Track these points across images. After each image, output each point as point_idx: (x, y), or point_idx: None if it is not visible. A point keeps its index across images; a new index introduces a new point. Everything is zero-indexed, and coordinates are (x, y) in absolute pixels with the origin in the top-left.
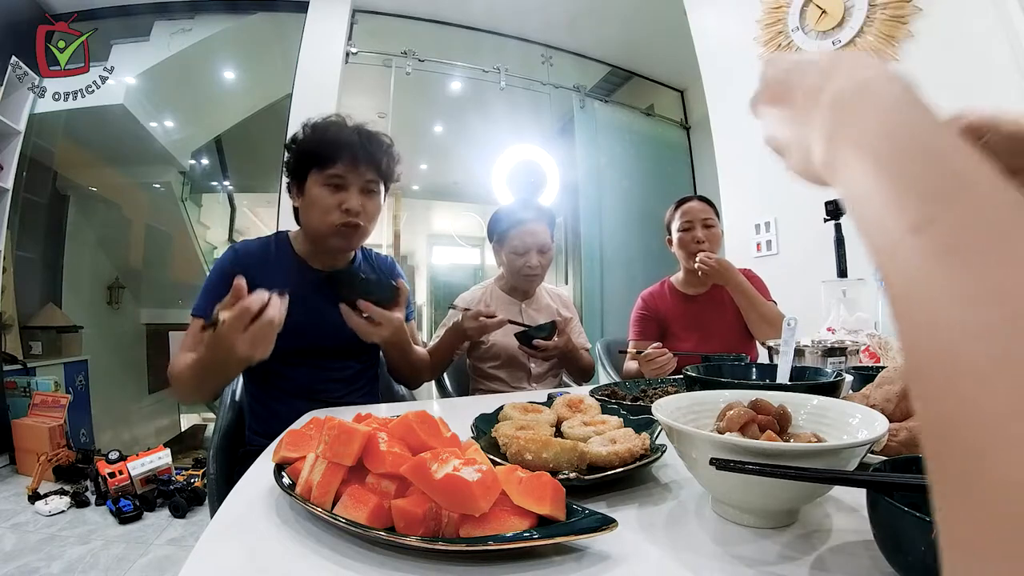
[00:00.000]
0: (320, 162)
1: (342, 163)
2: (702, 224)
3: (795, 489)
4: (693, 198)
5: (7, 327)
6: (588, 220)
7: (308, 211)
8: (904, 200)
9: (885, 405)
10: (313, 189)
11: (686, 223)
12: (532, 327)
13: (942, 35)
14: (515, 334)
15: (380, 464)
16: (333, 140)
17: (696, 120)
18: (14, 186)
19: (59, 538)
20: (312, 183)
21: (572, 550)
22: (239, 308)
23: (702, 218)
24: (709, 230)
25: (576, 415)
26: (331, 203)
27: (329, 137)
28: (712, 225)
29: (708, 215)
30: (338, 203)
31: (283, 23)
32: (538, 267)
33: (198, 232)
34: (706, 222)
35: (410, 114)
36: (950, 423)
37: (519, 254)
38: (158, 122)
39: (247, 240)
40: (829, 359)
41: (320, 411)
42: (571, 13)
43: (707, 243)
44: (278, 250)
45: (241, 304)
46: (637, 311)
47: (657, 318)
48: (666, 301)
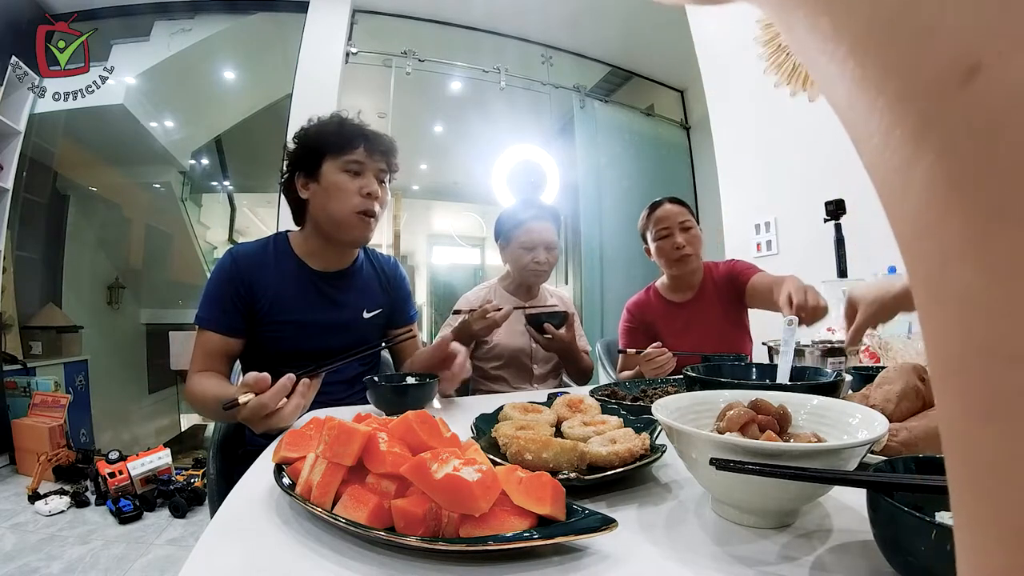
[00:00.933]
0: (338, 148)
1: (360, 149)
2: (680, 228)
3: (795, 489)
4: (664, 201)
5: (7, 327)
6: (588, 220)
7: (326, 197)
8: None
9: (885, 405)
10: (331, 175)
11: (663, 230)
12: (544, 312)
13: None
14: (526, 314)
15: (380, 464)
16: (349, 128)
17: (696, 120)
18: (14, 186)
19: (59, 538)
20: (330, 169)
21: (572, 550)
22: (256, 404)
23: (679, 221)
24: (688, 232)
25: (576, 415)
26: (352, 188)
27: (346, 125)
28: (690, 227)
29: (684, 217)
30: (358, 188)
31: (283, 23)
32: (545, 263)
33: (198, 232)
34: (683, 224)
35: (410, 114)
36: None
37: (527, 249)
38: (158, 122)
39: (244, 243)
40: (829, 359)
41: (320, 411)
42: (571, 13)
43: (688, 246)
44: (277, 252)
45: (259, 400)
46: (624, 323)
47: (645, 328)
48: (653, 309)
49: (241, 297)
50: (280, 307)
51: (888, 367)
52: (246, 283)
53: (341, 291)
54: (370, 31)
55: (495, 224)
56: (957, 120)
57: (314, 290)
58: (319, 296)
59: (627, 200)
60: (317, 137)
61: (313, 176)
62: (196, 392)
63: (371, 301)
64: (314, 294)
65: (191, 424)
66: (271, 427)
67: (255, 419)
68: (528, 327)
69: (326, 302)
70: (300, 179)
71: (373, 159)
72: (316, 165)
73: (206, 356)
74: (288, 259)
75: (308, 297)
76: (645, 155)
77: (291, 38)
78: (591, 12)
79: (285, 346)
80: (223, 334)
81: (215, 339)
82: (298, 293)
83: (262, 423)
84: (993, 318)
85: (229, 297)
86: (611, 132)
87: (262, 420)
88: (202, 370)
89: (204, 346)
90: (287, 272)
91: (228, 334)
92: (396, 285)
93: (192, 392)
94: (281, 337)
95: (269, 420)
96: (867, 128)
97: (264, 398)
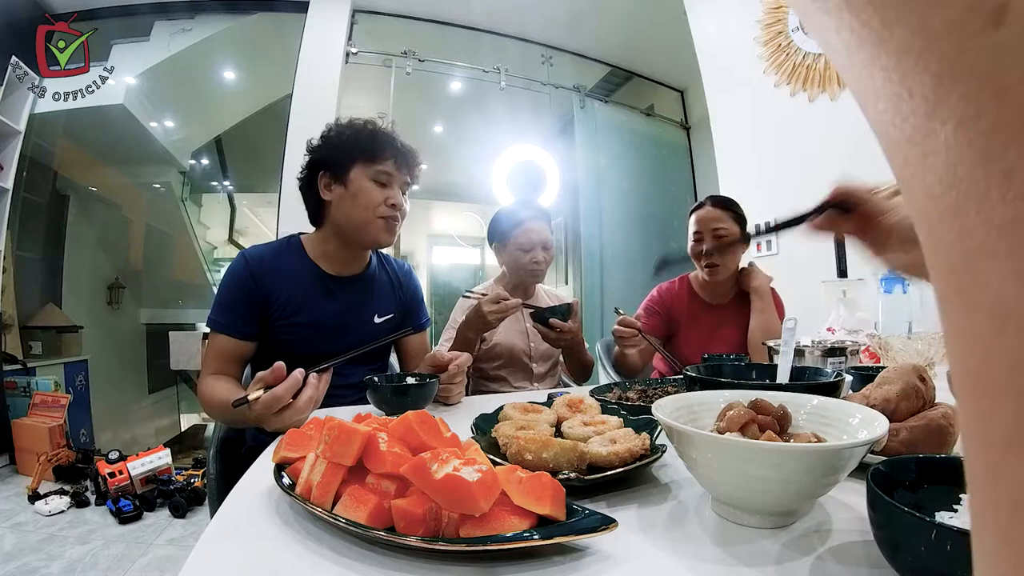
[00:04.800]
0: (369, 156)
1: (391, 161)
2: (712, 234)
3: (795, 489)
4: (706, 203)
5: (7, 327)
6: (588, 220)
7: (352, 202)
8: None
9: (885, 405)
10: (359, 181)
11: (695, 234)
12: (548, 308)
13: None
14: (531, 313)
15: (380, 464)
16: (383, 138)
17: (696, 120)
18: (14, 186)
19: (59, 538)
20: (358, 175)
21: (572, 550)
22: (271, 397)
23: (712, 228)
24: (721, 240)
25: (576, 415)
26: (378, 197)
27: (379, 135)
28: (724, 234)
29: (719, 223)
30: (384, 198)
31: (283, 23)
32: (543, 262)
33: (198, 232)
34: (716, 232)
35: (410, 114)
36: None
37: (525, 250)
38: (158, 122)
39: (257, 246)
40: (829, 359)
41: (320, 411)
42: (571, 13)
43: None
44: (291, 254)
45: (273, 394)
46: (648, 302)
47: (667, 315)
48: (682, 302)
49: (254, 301)
50: (293, 310)
51: (888, 367)
52: (259, 286)
53: (353, 295)
54: (370, 31)
55: (489, 226)
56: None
57: (327, 294)
58: (331, 300)
59: (627, 200)
60: (350, 141)
61: (340, 179)
62: (208, 395)
63: (383, 306)
64: (327, 298)
65: (191, 424)
66: (284, 423)
67: (268, 414)
68: (536, 324)
69: (338, 306)
70: (324, 179)
71: (400, 172)
72: (344, 168)
73: (218, 359)
74: (302, 262)
75: (320, 300)
76: (645, 155)
77: (291, 38)
78: (591, 12)
79: (296, 349)
80: (236, 338)
81: (228, 342)
82: (311, 296)
83: (276, 418)
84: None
85: (242, 301)
86: (611, 132)
87: (276, 415)
88: (214, 373)
89: (216, 349)
90: (300, 275)
91: (241, 338)
92: (409, 291)
93: (204, 395)
94: (293, 340)
95: (283, 414)
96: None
97: (278, 391)
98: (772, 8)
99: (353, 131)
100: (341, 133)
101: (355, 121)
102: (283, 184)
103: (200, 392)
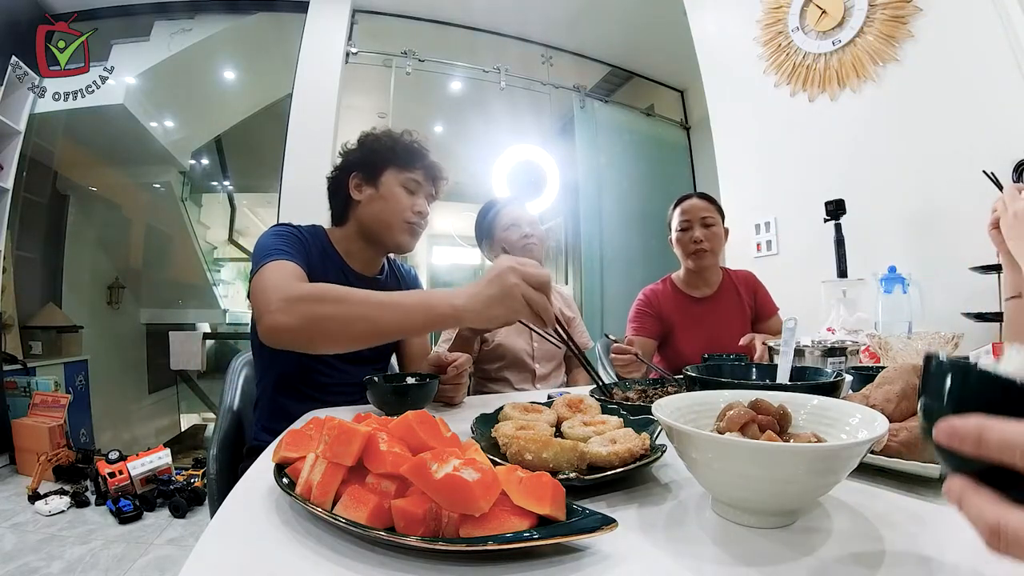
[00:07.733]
0: (403, 163)
1: (421, 171)
2: (700, 223)
3: (795, 489)
4: (693, 196)
5: (7, 327)
6: (588, 220)
7: (383, 204)
8: None
9: (885, 405)
10: (390, 185)
11: (684, 222)
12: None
13: (942, 35)
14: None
15: (380, 464)
16: (417, 149)
17: (696, 120)
18: (14, 186)
19: (59, 538)
20: (390, 180)
21: (572, 550)
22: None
23: (701, 217)
24: (708, 229)
25: (576, 415)
26: (406, 203)
27: (414, 145)
28: (712, 224)
29: (708, 213)
30: (411, 204)
31: (283, 23)
32: (534, 236)
33: (198, 232)
34: (705, 220)
35: (410, 114)
36: None
37: (510, 230)
38: (158, 122)
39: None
40: (829, 359)
41: (320, 411)
42: (571, 13)
43: (706, 242)
44: (321, 242)
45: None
46: (638, 305)
47: (659, 316)
48: (669, 300)
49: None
50: None
51: (888, 367)
52: (306, 248)
53: None
54: (370, 31)
55: (474, 231)
56: None
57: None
58: None
59: (627, 200)
60: (386, 146)
61: (371, 181)
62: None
63: None
64: None
65: (191, 424)
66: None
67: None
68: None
69: None
70: (356, 180)
71: (427, 183)
72: (377, 172)
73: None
74: (332, 252)
75: None
76: (645, 155)
77: (291, 38)
78: (591, 12)
79: None
80: (301, 267)
81: (295, 268)
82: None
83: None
84: None
85: (297, 248)
86: (611, 132)
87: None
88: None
89: (289, 269)
90: (330, 264)
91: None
92: None
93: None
94: None
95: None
96: None
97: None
98: (772, 8)
99: (391, 139)
100: (379, 139)
101: (393, 131)
102: (283, 184)
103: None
